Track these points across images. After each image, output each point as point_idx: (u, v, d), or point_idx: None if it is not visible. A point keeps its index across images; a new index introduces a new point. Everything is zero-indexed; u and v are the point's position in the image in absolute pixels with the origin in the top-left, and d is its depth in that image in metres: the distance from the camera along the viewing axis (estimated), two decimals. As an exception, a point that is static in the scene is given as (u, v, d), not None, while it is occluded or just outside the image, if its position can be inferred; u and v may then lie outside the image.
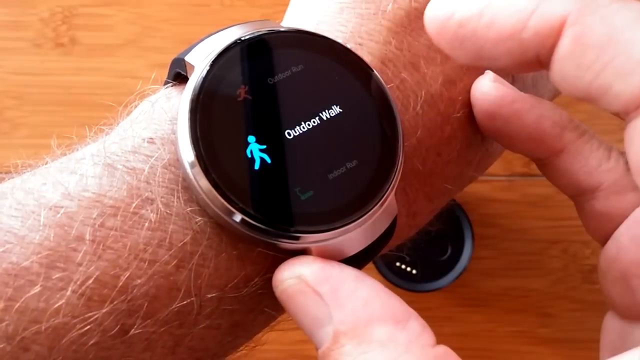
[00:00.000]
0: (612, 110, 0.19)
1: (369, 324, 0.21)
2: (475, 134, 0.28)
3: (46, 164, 0.24)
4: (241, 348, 0.26)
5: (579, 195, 0.27)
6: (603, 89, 0.19)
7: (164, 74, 0.26)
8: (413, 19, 0.27)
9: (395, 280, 0.49)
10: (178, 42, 0.53)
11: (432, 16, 0.22)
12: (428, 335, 0.21)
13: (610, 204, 0.26)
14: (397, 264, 0.50)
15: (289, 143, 0.23)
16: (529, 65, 0.21)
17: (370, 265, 0.49)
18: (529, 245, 0.53)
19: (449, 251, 0.50)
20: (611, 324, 0.26)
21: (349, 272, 0.22)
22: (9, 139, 0.52)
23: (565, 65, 0.20)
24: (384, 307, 0.21)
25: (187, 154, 0.22)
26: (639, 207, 0.26)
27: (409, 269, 0.50)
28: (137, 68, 0.53)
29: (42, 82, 0.53)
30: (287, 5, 0.30)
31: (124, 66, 0.53)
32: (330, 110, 0.24)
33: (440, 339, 0.21)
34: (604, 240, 0.26)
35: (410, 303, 0.22)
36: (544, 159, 0.27)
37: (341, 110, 0.24)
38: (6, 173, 0.24)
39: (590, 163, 0.26)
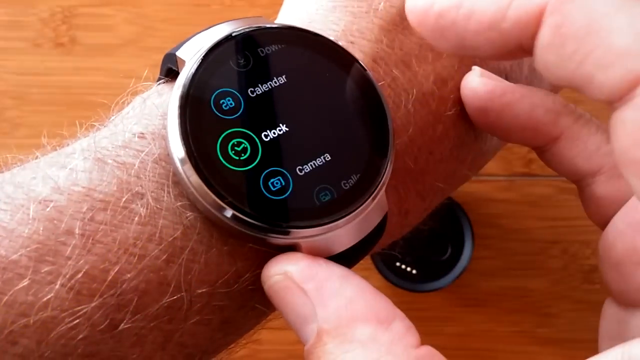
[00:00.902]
0: (598, 100, 0.19)
1: (351, 323, 0.21)
2: (467, 132, 0.28)
3: (36, 158, 0.24)
4: (232, 345, 0.26)
5: (580, 180, 0.27)
6: (586, 80, 0.19)
7: (157, 73, 0.26)
8: (405, 18, 0.27)
9: (395, 280, 0.49)
10: (178, 42, 0.53)
11: (412, 7, 0.22)
12: (412, 336, 0.21)
13: (610, 187, 0.26)
14: (397, 263, 0.50)
15: (279, 138, 0.23)
16: (513, 53, 0.20)
17: (370, 265, 0.49)
18: (529, 245, 0.52)
19: (449, 251, 0.50)
20: (609, 311, 0.26)
21: (336, 270, 0.22)
22: (9, 139, 0.52)
23: (546, 55, 0.19)
24: (368, 306, 0.21)
25: (178, 150, 0.22)
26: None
27: (408, 269, 0.50)
28: (137, 68, 0.53)
29: (41, 82, 0.53)
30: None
31: (123, 66, 0.53)
32: (321, 107, 0.24)
33: (440, 339, 0.22)
34: (603, 224, 0.26)
35: (410, 303, 0.22)
36: (543, 147, 0.27)
37: (332, 107, 0.24)
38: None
39: (589, 147, 0.26)
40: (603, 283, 0.26)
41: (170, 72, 0.25)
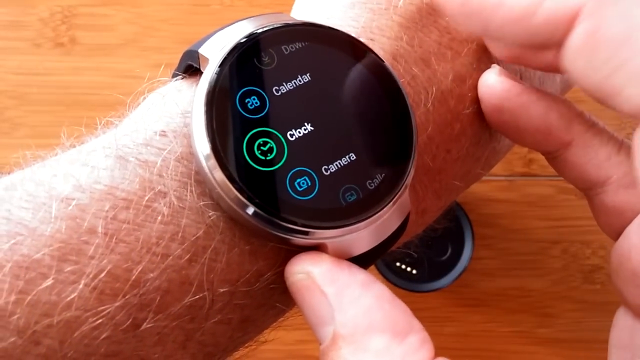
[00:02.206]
0: (621, 112, 0.19)
1: (367, 332, 0.21)
2: (484, 131, 0.28)
3: (56, 155, 0.23)
4: (250, 343, 0.26)
5: (589, 189, 0.27)
6: (614, 90, 0.18)
7: (165, 73, 0.26)
8: (424, 15, 0.27)
9: (395, 280, 0.49)
10: (178, 42, 0.53)
11: None
12: (426, 350, 0.21)
13: (619, 197, 0.26)
14: (397, 264, 0.50)
15: (305, 137, 0.23)
16: (535, 50, 0.20)
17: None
18: (529, 245, 0.53)
19: (449, 251, 0.50)
20: (623, 321, 0.26)
21: (358, 276, 0.22)
22: (9, 139, 0.52)
23: (575, 60, 0.19)
24: (385, 317, 0.22)
25: (203, 146, 0.21)
26: None
27: (409, 269, 0.50)
28: (137, 68, 0.53)
29: (41, 82, 0.53)
30: (287, 4, 0.30)
31: (123, 66, 0.53)
32: (345, 105, 0.24)
33: (440, 339, 0.22)
34: (615, 234, 0.26)
35: (410, 303, 0.22)
36: (553, 152, 0.27)
37: (356, 105, 0.24)
38: (8, 173, 0.23)
39: (599, 156, 0.26)
40: (616, 292, 0.26)
41: (188, 69, 0.25)
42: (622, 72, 0.18)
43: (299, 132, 0.23)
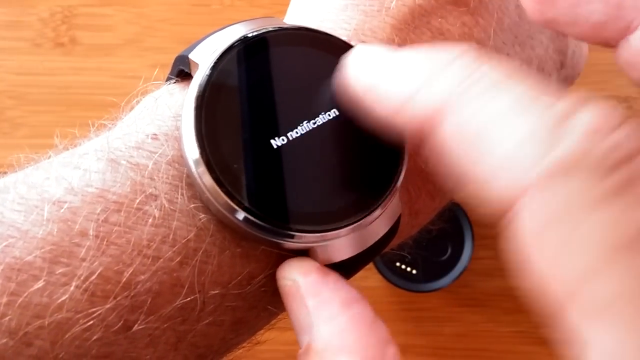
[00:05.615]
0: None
1: (337, 353, 0.21)
2: None
3: (49, 158, 0.23)
4: (243, 344, 0.26)
5: None
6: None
7: (165, 73, 0.26)
8: (417, 16, 0.27)
9: (395, 280, 0.49)
10: (178, 42, 0.53)
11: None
12: None
13: None
14: (397, 264, 0.50)
15: (294, 142, 0.23)
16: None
17: (370, 265, 0.49)
18: (529, 246, 0.53)
19: (449, 251, 0.50)
20: None
21: (341, 293, 0.22)
22: (9, 139, 0.52)
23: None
24: (357, 341, 0.21)
25: (192, 151, 0.22)
26: None
27: (409, 269, 0.50)
28: (137, 68, 0.53)
29: (41, 82, 0.53)
30: (287, 5, 0.30)
31: (123, 66, 0.53)
32: (335, 110, 0.24)
33: (440, 339, 0.22)
34: None
35: (410, 303, 0.22)
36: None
37: (346, 109, 0.24)
38: (5, 174, 0.24)
39: None
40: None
41: (181, 74, 0.25)
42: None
43: (289, 137, 0.23)
